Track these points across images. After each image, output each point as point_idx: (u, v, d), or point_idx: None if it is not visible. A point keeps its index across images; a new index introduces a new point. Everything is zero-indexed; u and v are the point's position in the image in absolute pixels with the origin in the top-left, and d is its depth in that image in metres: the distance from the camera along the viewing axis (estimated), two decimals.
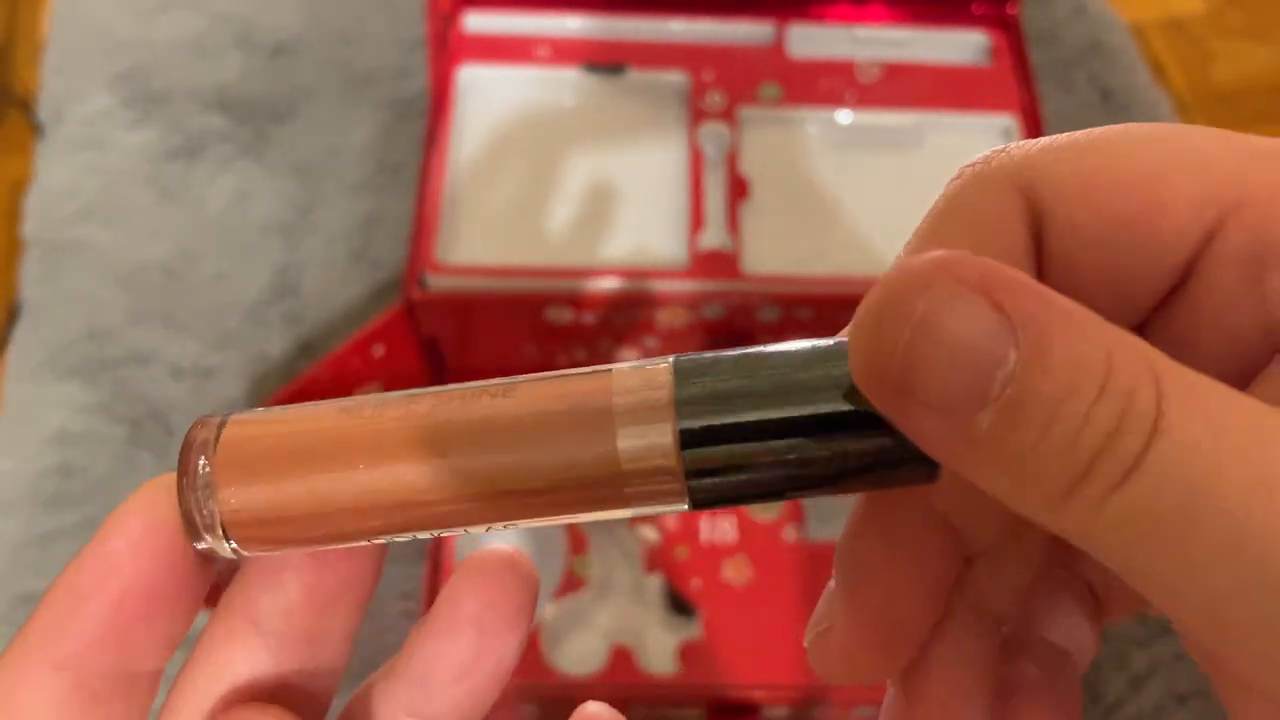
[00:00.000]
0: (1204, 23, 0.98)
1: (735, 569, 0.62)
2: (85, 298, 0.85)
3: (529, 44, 0.69)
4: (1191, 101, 0.92)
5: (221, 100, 0.95)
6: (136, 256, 0.87)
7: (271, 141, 0.92)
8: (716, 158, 0.65)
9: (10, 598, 0.73)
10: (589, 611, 0.63)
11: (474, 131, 0.67)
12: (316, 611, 0.25)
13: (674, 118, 0.67)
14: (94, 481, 0.77)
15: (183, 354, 0.81)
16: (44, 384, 0.81)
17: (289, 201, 0.88)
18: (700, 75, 0.67)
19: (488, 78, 0.68)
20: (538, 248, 0.62)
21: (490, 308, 0.60)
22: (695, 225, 0.62)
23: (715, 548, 0.63)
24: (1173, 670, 0.66)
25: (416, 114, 0.93)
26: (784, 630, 0.60)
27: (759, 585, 0.61)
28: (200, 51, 0.97)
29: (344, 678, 0.30)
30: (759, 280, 0.59)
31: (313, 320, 0.83)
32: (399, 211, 0.88)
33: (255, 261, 0.86)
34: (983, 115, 0.66)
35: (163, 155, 0.92)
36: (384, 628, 0.69)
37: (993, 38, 0.68)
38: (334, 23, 0.99)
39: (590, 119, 0.68)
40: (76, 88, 0.97)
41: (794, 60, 0.68)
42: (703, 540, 0.63)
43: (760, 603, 0.61)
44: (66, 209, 0.89)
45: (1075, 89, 0.89)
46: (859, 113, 0.66)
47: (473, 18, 0.69)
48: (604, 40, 0.68)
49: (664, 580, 0.63)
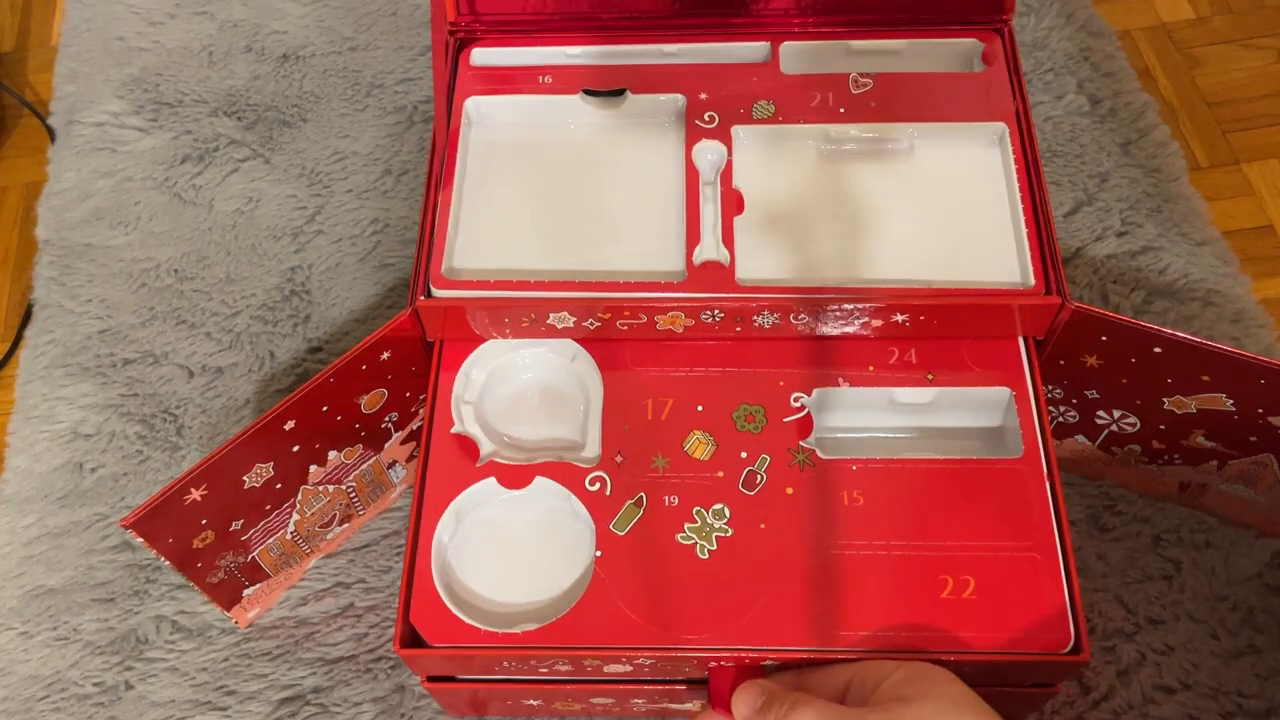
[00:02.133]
0: (1191, 29, 0.99)
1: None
2: (97, 299, 0.87)
3: (532, 73, 0.70)
4: (1179, 107, 0.93)
5: (231, 106, 0.96)
6: (147, 258, 0.88)
7: (280, 146, 0.94)
8: (712, 175, 0.66)
9: (24, 593, 0.75)
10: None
11: (480, 152, 0.68)
12: None
13: (671, 136, 0.68)
14: (106, 479, 0.79)
15: (193, 354, 0.83)
16: (57, 383, 0.83)
17: (297, 205, 0.90)
18: (696, 95, 0.68)
19: (493, 106, 0.70)
20: (541, 260, 0.64)
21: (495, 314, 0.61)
22: (692, 239, 0.63)
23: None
24: (1160, 662, 0.68)
25: (422, 119, 0.95)
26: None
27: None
28: (210, 58, 0.99)
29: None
30: (753, 290, 0.61)
31: (321, 321, 0.84)
32: (405, 215, 0.89)
33: (264, 263, 0.87)
34: (975, 124, 0.67)
35: (173, 159, 0.93)
36: (390, 621, 0.71)
37: (984, 46, 0.69)
38: (341, 30, 1.00)
39: (591, 140, 0.69)
40: (88, 93, 0.98)
41: (787, 77, 0.69)
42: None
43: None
44: (79, 212, 0.91)
45: (1065, 95, 0.91)
46: (851, 125, 0.67)
47: (478, 51, 0.70)
48: (604, 66, 0.70)
49: None
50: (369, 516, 0.75)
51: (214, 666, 0.71)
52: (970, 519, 0.59)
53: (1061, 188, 0.86)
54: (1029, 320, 0.61)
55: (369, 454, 0.70)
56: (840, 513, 0.59)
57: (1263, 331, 0.79)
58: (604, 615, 0.57)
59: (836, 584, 0.57)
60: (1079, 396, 0.67)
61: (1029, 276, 0.61)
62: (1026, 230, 0.62)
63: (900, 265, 0.62)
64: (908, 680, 0.50)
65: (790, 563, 0.58)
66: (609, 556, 0.59)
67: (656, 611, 0.57)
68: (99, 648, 0.72)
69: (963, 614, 0.56)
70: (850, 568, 0.58)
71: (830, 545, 0.58)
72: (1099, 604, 0.70)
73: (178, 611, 0.73)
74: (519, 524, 0.62)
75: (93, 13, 1.03)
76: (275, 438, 0.62)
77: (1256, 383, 0.60)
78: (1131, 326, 0.60)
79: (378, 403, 0.66)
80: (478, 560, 0.61)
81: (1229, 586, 0.70)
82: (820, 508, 0.59)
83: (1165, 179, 0.86)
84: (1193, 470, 0.69)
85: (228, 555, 0.66)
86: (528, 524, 0.62)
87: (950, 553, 0.58)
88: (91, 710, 0.70)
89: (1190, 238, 0.83)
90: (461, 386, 0.64)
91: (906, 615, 0.56)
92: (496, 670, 0.59)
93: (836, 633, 0.56)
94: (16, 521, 0.77)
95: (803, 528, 0.59)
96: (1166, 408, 0.65)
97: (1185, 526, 0.72)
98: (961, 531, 0.58)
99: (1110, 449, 0.70)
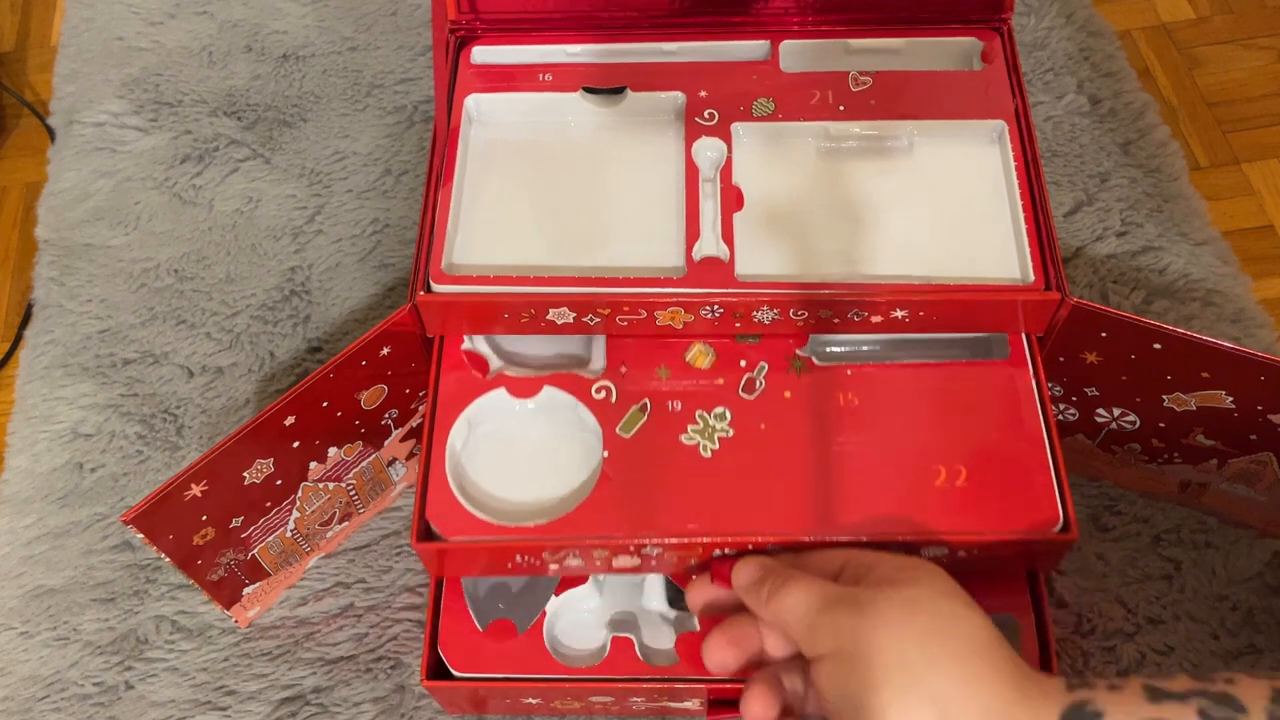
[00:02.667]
0: (1191, 29, 0.99)
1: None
2: (97, 299, 0.87)
3: (533, 71, 0.70)
4: (1179, 107, 0.93)
5: (231, 106, 0.96)
6: (147, 258, 0.88)
7: (280, 146, 0.94)
8: (712, 171, 0.66)
9: (24, 593, 0.75)
10: (590, 605, 0.65)
11: (480, 150, 0.68)
12: None
13: (671, 134, 0.68)
14: (106, 479, 0.79)
15: (193, 354, 0.83)
16: (56, 383, 0.83)
17: (297, 205, 0.90)
18: (696, 93, 0.69)
19: (494, 103, 0.69)
20: (541, 255, 0.64)
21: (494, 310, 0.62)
22: (691, 235, 0.63)
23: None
24: (1160, 663, 0.68)
25: (422, 119, 0.95)
26: None
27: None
28: (210, 58, 0.99)
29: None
30: (753, 286, 0.61)
31: (321, 320, 0.84)
32: (405, 215, 0.89)
33: (264, 263, 0.87)
34: (974, 121, 0.67)
35: (173, 159, 0.93)
36: (390, 621, 0.71)
37: (984, 45, 0.70)
38: (341, 30, 1.00)
39: (591, 137, 0.69)
40: (88, 93, 0.98)
41: (787, 75, 0.69)
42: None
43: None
44: (79, 212, 0.91)
45: (1064, 95, 0.91)
46: (851, 123, 0.67)
47: (479, 50, 0.70)
48: (604, 64, 0.70)
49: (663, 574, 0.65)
50: (369, 515, 0.74)
51: (214, 666, 0.71)
52: (961, 416, 0.61)
53: (1061, 187, 0.86)
54: (1029, 316, 0.61)
55: (369, 451, 0.69)
56: (836, 413, 0.62)
57: (1263, 331, 0.79)
58: (612, 510, 0.59)
59: (835, 477, 0.60)
60: (1079, 394, 0.67)
61: (1028, 273, 0.61)
62: (1026, 227, 0.62)
63: (900, 262, 0.62)
64: (900, 568, 0.53)
65: (790, 459, 0.61)
66: (615, 457, 0.61)
67: (662, 506, 0.59)
68: (99, 648, 0.72)
69: (956, 501, 0.59)
70: (847, 462, 0.60)
71: (828, 443, 0.61)
72: (1099, 604, 0.70)
73: (178, 611, 0.73)
74: (528, 430, 0.64)
75: (93, 13, 1.03)
76: (275, 433, 0.62)
77: (1256, 379, 0.60)
78: (1131, 322, 0.60)
79: (377, 399, 0.66)
80: (489, 463, 0.63)
81: (1229, 586, 0.70)
82: (817, 409, 0.62)
83: (1165, 179, 0.86)
84: (1193, 469, 0.69)
85: (228, 553, 0.66)
86: (537, 430, 0.64)
87: (942, 446, 0.61)
88: (91, 710, 0.70)
89: (1190, 238, 0.83)
90: None
91: (902, 504, 0.59)
92: (508, 567, 0.61)
93: (835, 520, 0.59)
94: (16, 521, 0.77)
95: (801, 428, 0.62)
96: (1166, 405, 0.65)
97: (1185, 526, 0.72)
98: (952, 427, 0.61)
99: (1110, 447, 0.70)
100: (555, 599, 0.64)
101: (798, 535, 0.58)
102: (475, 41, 0.71)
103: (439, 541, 0.59)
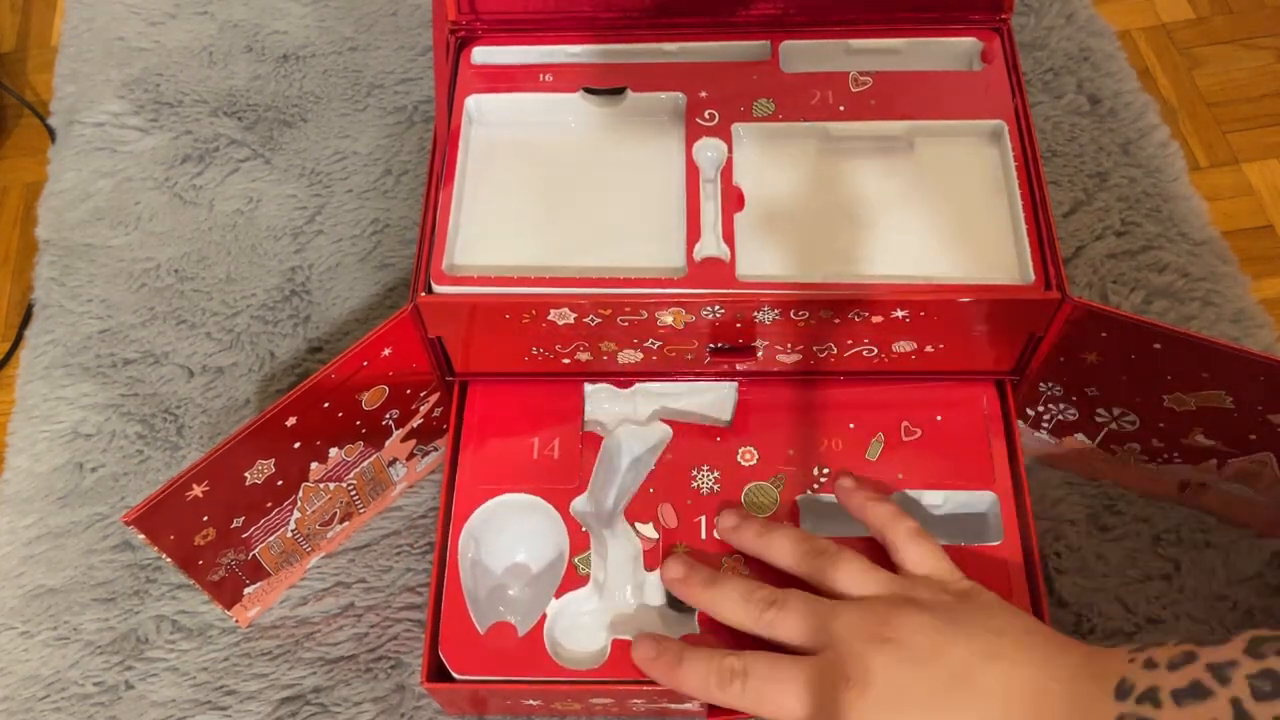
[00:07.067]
0: (1191, 29, 0.99)
1: (732, 567, 0.64)
2: (97, 299, 0.86)
3: (533, 71, 0.70)
4: (1179, 107, 0.94)
5: (231, 106, 0.96)
6: (148, 258, 0.88)
7: (280, 146, 0.94)
8: (712, 172, 0.66)
9: (24, 593, 0.74)
10: (590, 608, 0.65)
11: (480, 150, 0.68)
12: None
13: (672, 134, 0.68)
14: (106, 479, 0.79)
15: (193, 354, 0.83)
16: (57, 383, 0.83)
17: (297, 205, 0.90)
18: (696, 93, 0.69)
19: (494, 104, 0.70)
20: (542, 256, 0.64)
21: (495, 311, 0.62)
22: (692, 235, 0.63)
23: (713, 546, 0.65)
24: None
25: (423, 119, 0.95)
26: None
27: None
28: (210, 58, 0.99)
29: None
30: (754, 286, 0.61)
31: (321, 320, 0.84)
32: (405, 215, 0.89)
33: (264, 263, 0.87)
34: (974, 121, 0.67)
35: (173, 159, 0.93)
36: (390, 621, 0.71)
37: (984, 45, 0.70)
38: (341, 30, 1.00)
39: (592, 138, 0.69)
40: (88, 93, 0.98)
41: (787, 75, 0.69)
42: (701, 539, 0.65)
43: None
44: (79, 212, 0.91)
45: (1064, 95, 0.91)
46: (851, 123, 0.67)
47: (479, 50, 0.70)
48: (604, 64, 0.70)
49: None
50: (369, 515, 0.74)
51: (214, 666, 0.71)
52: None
53: (1061, 187, 0.86)
54: (1029, 316, 0.62)
55: (370, 451, 0.70)
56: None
57: (1262, 331, 0.79)
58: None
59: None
60: (1079, 394, 0.67)
61: (1028, 272, 0.61)
62: (1026, 226, 0.62)
63: (900, 261, 0.63)
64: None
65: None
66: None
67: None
68: (99, 647, 0.72)
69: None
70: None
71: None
72: (1099, 604, 0.70)
73: (178, 611, 0.73)
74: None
75: (93, 13, 1.03)
76: (276, 434, 0.62)
77: (1256, 379, 0.60)
78: (1131, 322, 0.60)
79: (379, 399, 0.66)
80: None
81: (1229, 586, 0.70)
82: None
83: (1165, 179, 0.86)
84: (1192, 469, 0.69)
85: (229, 553, 0.66)
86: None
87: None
88: (91, 710, 0.70)
89: (1190, 238, 0.83)
90: None
91: None
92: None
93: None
94: (16, 521, 0.77)
95: None
96: (1166, 405, 0.65)
97: (1185, 526, 0.72)
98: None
99: (1110, 447, 0.70)
100: (556, 601, 0.64)
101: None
102: (475, 42, 0.71)
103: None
